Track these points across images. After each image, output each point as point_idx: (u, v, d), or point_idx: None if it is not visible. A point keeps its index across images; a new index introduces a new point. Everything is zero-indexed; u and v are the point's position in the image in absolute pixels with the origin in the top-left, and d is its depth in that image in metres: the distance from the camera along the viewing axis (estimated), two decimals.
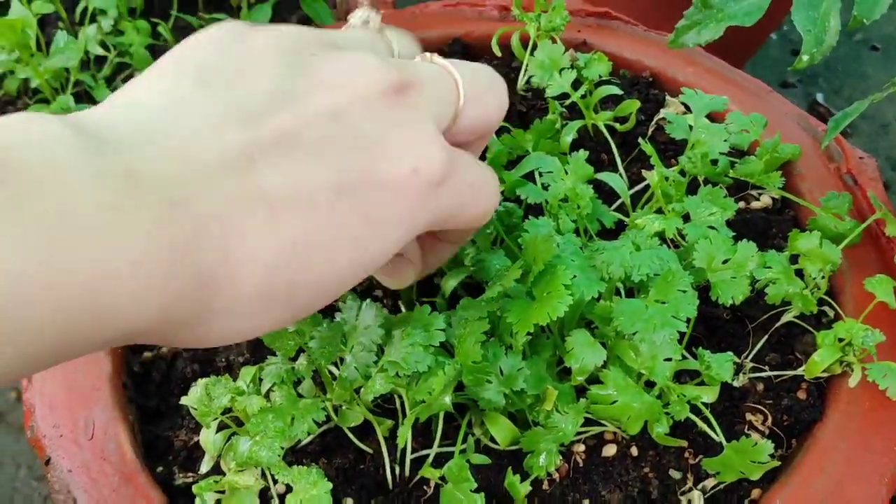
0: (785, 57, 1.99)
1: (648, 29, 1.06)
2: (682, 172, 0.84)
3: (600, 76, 0.93)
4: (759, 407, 0.78)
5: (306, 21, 1.43)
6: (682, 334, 0.73)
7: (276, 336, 0.72)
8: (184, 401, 0.74)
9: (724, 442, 0.73)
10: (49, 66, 1.27)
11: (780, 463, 0.74)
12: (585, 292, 0.70)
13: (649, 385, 0.74)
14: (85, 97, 1.35)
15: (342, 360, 0.72)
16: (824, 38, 0.70)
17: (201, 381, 0.72)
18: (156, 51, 1.42)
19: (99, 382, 0.82)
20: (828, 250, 0.79)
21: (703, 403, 0.75)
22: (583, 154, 0.84)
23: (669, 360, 0.72)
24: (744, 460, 0.72)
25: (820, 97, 1.93)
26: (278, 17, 1.46)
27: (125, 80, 1.38)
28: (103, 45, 1.38)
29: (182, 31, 1.46)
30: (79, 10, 1.40)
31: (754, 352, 0.81)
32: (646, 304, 0.69)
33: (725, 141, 0.83)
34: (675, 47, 0.74)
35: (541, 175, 0.84)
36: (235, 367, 0.84)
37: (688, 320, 0.69)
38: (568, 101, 0.93)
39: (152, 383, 0.84)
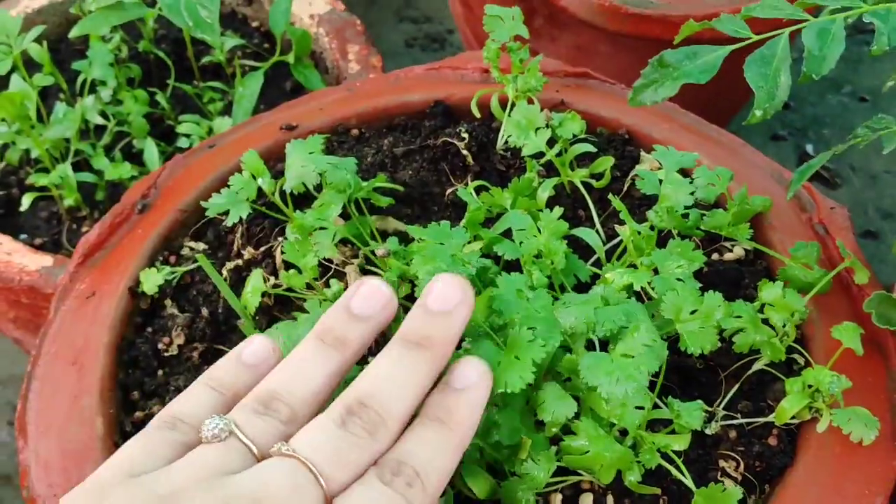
0: None
1: (626, 87, 1.09)
2: (654, 227, 0.86)
3: (574, 134, 0.95)
4: (732, 454, 0.80)
5: (299, 88, 1.47)
6: (653, 384, 0.75)
7: None
8: None
9: (693, 489, 0.75)
10: (48, 137, 1.30)
11: None
12: (548, 343, 0.72)
13: (624, 434, 0.76)
14: (84, 165, 1.39)
15: None
16: (776, 94, 0.73)
17: None
18: (154, 119, 1.46)
19: (91, 442, 0.84)
20: (791, 299, 0.81)
21: (676, 451, 0.77)
22: (557, 211, 0.87)
23: (641, 408, 0.74)
24: None
25: (810, 148, 1.96)
26: (272, 83, 1.50)
27: (123, 149, 1.41)
28: (103, 114, 1.42)
29: (179, 100, 1.50)
30: (80, 80, 1.44)
31: (726, 399, 0.83)
32: (611, 358, 0.71)
33: (691, 195, 0.85)
34: (634, 105, 0.77)
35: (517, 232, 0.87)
36: None
37: (658, 371, 0.72)
38: (544, 160, 0.96)
39: None
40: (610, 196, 0.89)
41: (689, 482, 0.76)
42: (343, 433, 0.63)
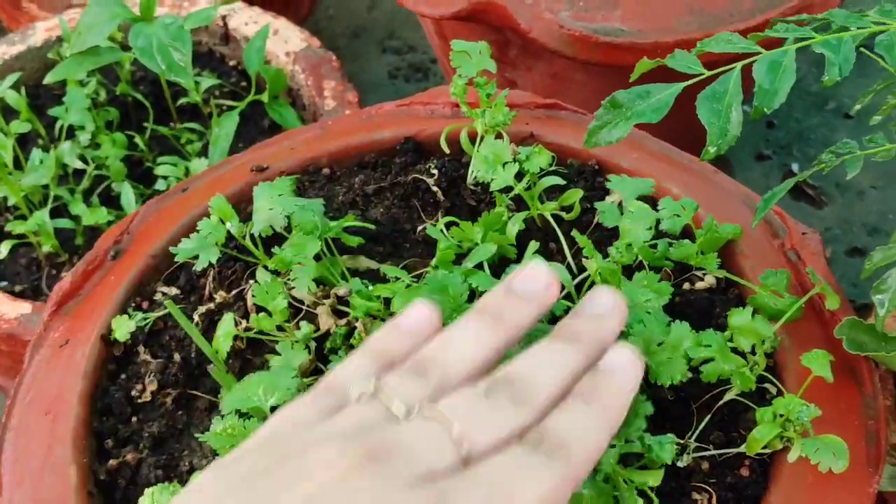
0: (759, 129, 2.02)
1: None
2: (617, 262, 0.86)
3: (542, 168, 0.95)
4: (705, 486, 0.80)
5: (276, 125, 1.47)
6: None
7: (223, 439, 0.73)
8: None
9: None
10: (25, 184, 1.31)
11: None
12: None
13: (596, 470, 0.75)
14: (64, 211, 1.39)
15: None
16: (728, 130, 0.73)
17: (147, 491, 0.73)
18: (133, 161, 1.46)
19: (66, 492, 0.84)
20: (760, 327, 0.81)
21: (650, 487, 0.76)
22: (532, 246, 0.87)
23: (613, 446, 0.74)
24: None
25: (795, 167, 1.96)
26: (250, 121, 1.51)
27: (103, 193, 1.42)
28: (82, 158, 1.42)
29: (158, 141, 1.50)
30: (58, 126, 1.44)
31: (698, 431, 0.83)
32: None
33: (648, 229, 0.85)
34: (590, 146, 0.77)
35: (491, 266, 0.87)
36: (199, 470, 0.85)
37: None
38: (513, 193, 0.96)
39: (118, 490, 0.86)
40: (574, 232, 0.88)
41: None
42: (487, 401, 0.62)
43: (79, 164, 1.40)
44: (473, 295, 0.85)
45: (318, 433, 0.60)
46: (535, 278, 0.70)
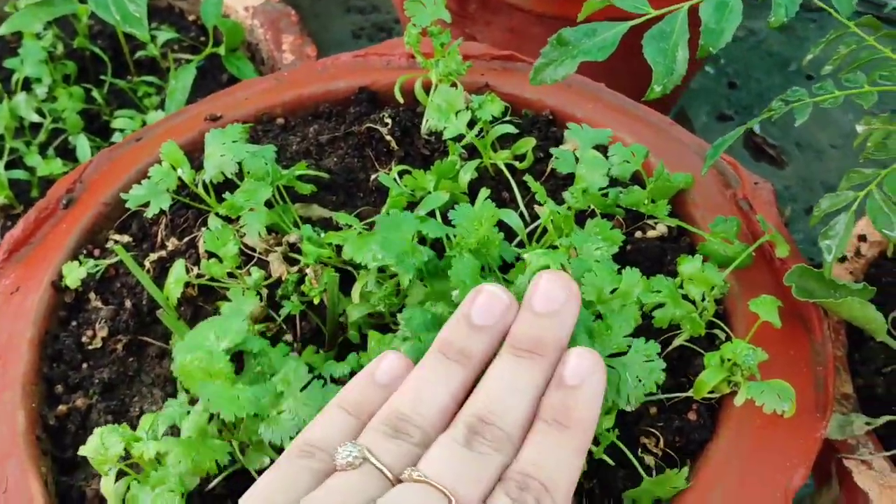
0: (721, 90, 2.02)
1: None
2: (570, 208, 0.86)
3: (494, 116, 0.95)
4: (652, 430, 0.80)
5: (235, 80, 1.46)
6: None
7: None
8: (82, 451, 0.75)
9: (644, 476, 0.75)
10: None
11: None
12: None
13: None
14: (20, 163, 1.38)
15: None
16: (674, 69, 0.73)
17: (96, 430, 0.73)
18: (90, 115, 1.45)
19: (13, 437, 0.83)
20: (710, 273, 0.81)
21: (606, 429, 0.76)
22: (484, 192, 0.87)
23: None
24: (664, 488, 0.75)
25: (757, 128, 1.96)
26: (208, 76, 1.49)
27: (60, 146, 1.40)
28: (39, 112, 1.40)
29: (117, 95, 1.49)
30: (14, 79, 1.43)
31: None
32: None
33: (605, 175, 0.85)
34: (535, 83, 0.77)
35: (444, 215, 0.87)
36: (149, 414, 0.85)
37: None
38: (465, 142, 0.96)
39: (68, 435, 0.86)
40: (526, 178, 0.88)
41: (640, 471, 0.76)
42: (469, 453, 0.62)
43: (35, 118, 1.39)
44: (424, 241, 0.85)
45: None
46: (493, 304, 0.68)
